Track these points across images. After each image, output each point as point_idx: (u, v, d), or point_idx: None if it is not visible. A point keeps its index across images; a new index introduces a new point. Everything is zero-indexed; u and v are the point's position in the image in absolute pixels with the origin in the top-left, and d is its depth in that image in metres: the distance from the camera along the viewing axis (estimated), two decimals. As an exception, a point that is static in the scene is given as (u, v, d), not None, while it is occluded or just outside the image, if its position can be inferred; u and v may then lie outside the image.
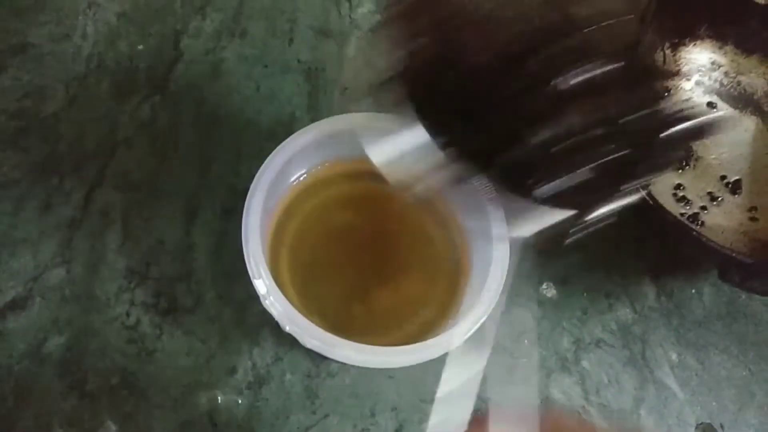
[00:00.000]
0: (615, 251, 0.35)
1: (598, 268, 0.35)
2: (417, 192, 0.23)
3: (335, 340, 0.24)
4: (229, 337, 0.29)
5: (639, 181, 0.23)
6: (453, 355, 0.26)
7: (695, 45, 0.40)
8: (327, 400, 0.28)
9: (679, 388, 0.32)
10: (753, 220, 0.36)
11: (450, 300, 0.30)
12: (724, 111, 0.40)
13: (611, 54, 0.20)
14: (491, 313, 0.30)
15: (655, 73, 0.27)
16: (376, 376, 0.29)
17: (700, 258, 0.34)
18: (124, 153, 0.31)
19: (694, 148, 0.38)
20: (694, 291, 0.35)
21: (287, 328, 0.24)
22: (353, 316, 0.30)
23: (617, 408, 0.31)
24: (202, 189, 0.31)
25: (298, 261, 0.30)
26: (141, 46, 0.34)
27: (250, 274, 0.24)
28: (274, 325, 0.25)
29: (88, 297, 0.28)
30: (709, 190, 0.36)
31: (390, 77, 0.22)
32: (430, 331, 0.29)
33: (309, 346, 0.24)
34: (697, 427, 0.31)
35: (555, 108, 0.21)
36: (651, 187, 0.32)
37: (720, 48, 0.40)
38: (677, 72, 0.41)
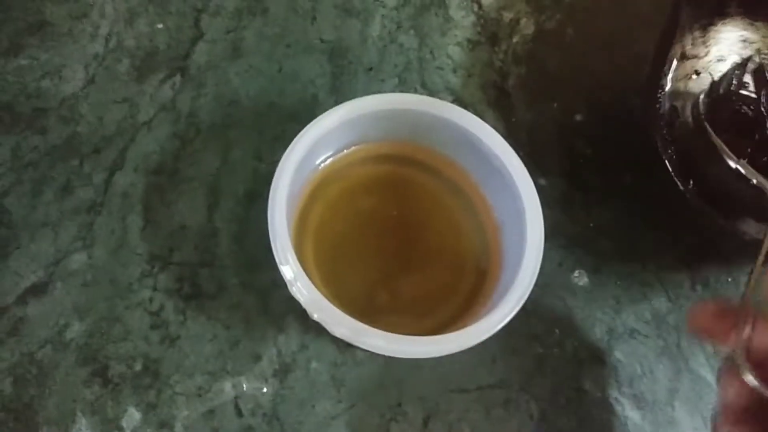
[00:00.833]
0: (649, 239, 0.34)
1: (631, 256, 0.33)
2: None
3: (364, 329, 0.23)
4: (253, 324, 0.28)
5: None
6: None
7: (725, 24, 0.38)
8: (353, 389, 0.28)
9: (714, 379, 0.31)
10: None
11: (479, 289, 0.29)
12: None
13: None
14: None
15: None
16: (403, 365, 0.29)
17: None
18: (145, 135, 0.31)
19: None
20: (730, 279, 0.34)
21: (315, 316, 0.23)
22: (379, 305, 0.29)
23: (651, 399, 0.30)
24: (224, 173, 0.30)
25: (323, 247, 0.29)
26: (160, 25, 0.33)
27: (277, 260, 0.24)
28: (300, 313, 0.25)
29: (110, 282, 0.27)
30: None
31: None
32: (458, 321, 0.28)
33: (337, 334, 0.23)
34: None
35: None
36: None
37: (751, 25, 0.38)
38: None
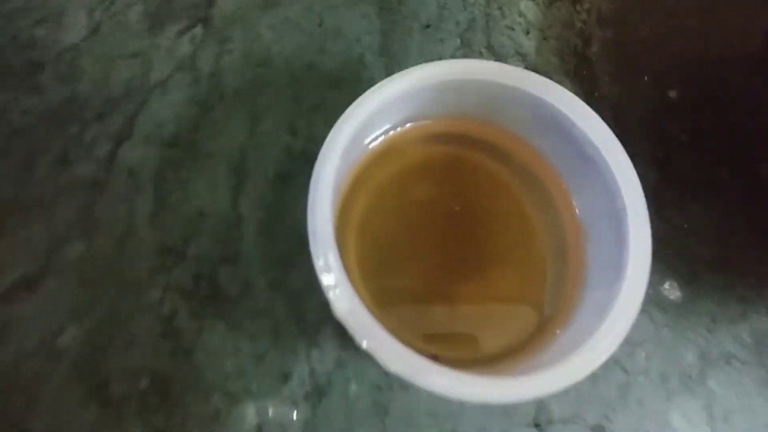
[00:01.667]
0: (752, 246, 0.29)
1: (730, 266, 0.28)
2: None
3: (429, 368, 0.18)
4: (282, 335, 0.23)
5: None
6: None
7: None
8: (399, 418, 0.23)
9: (826, 418, 0.26)
10: None
11: (554, 304, 0.24)
12: None
13: None
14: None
15: None
16: (459, 390, 0.24)
17: None
18: (158, 99, 0.25)
19: None
20: None
21: (364, 345, 0.19)
22: (431, 316, 0.24)
23: (750, 440, 0.26)
24: (252, 148, 0.25)
25: (368, 245, 0.24)
26: (179, -35, 0.27)
27: (316, 266, 0.19)
28: (338, 323, 0.20)
29: (113, 278, 0.23)
30: None
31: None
32: (531, 343, 0.23)
33: (392, 371, 0.18)
34: None
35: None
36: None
37: None
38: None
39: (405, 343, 0.23)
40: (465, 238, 0.25)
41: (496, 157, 0.26)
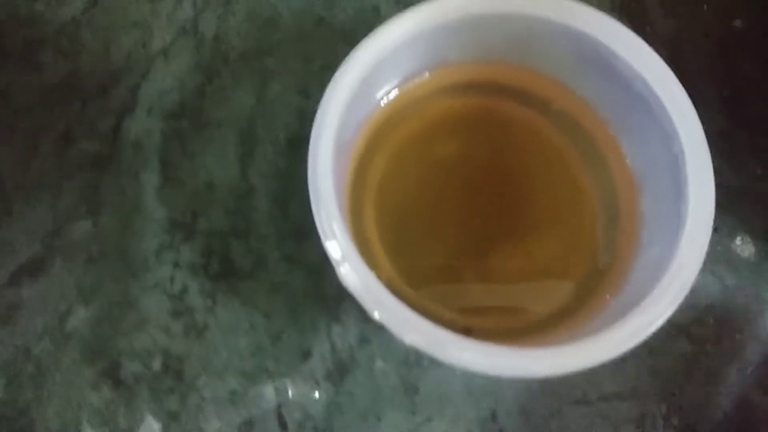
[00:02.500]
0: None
1: (816, 216, 0.24)
2: None
3: (447, 338, 0.16)
4: (300, 310, 0.22)
5: None
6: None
7: None
8: (431, 397, 0.21)
9: None
10: None
11: (606, 264, 0.21)
12: None
13: None
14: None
15: None
16: (497, 365, 0.22)
17: None
18: (161, 68, 0.24)
19: None
20: None
21: (375, 315, 0.17)
22: (464, 289, 0.22)
23: None
24: (261, 114, 0.24)
25: (389, 210, 0.22)
26: (178, -76, 0.26)
27: (320, 232, 0.17)
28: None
29: (121, 256, 0.22)
30: None
31: None
32: (574, 313, 0.21)
33: (407, 342, 0.16)
34: None
35: None
36: None
37: None
38: None
39: (435, 316, 0.21)
40: (499, 201, 0.23)
41: (531, 105, 0.23)
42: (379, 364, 0.22)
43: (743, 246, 0.24)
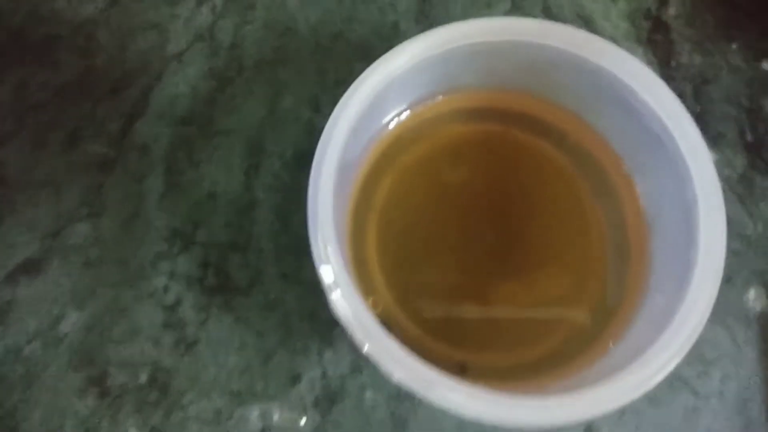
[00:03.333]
0: None
1: (837, 272, 0.23)
2: None
3: (437, 380, 0.16)
4: (294, 331, 0.21)
5: None
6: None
7: None
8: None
9: None
10: None
11: (612, 307, 0.20)
12: None
13: None
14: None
15: None
16: (491, 403, 0.21)
17: None
18: (175, 72, 0.24)
19: None
20: None
21: (365, 348, 0.16)
22: (463, 320, 0.21)
23: None
24: (270, 126, 0.23)
25: (392, 234, 0.22)
26: (202, -71, 0.26)
27: (315, 257, 0.17)
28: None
29: (118, 263, 0.22)
30: None
31: None
32: (573, 356, 0.20)
33: (394, 380, 0.16)
34: None
35: None
36: None
37: None
38: None
39: (430, 348, 0.21)
40: (506, 231, 0.22)
41: (545, 136, 0.23)
42: (369, 395, 0.21)
43: (757, 299, 0.23)
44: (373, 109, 0.19)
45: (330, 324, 0.21)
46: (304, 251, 0.22)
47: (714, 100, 0.25)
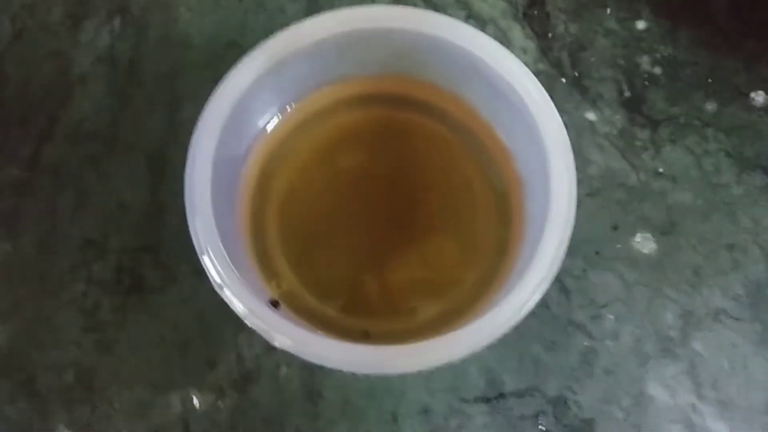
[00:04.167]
0: (742, 183, 0.25)
1: (717, 209, 0.25)
2: None
3: (312, 339, 0.17)
4: (208, 321, 0.23)
5: None
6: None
7: None
8: (334, 400, 0.22)
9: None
10: None
11: (497, 265, 0.22)
12: None
13: None
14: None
15: None
16: (399, 368, 0.23)
17: None
18: (79, 95, 0.26)
19: None
20: None
21: (248, 322, 0.18)
22: (367, 294, 0.23)
23: (744, 406, 0.23)
24: (173, 136, 0.25)
25: (292, 223, 0.23)
26: (98, -42, 0.28)
27: (197, 248, 0.18)
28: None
29: (38, 276, 0.23)
30: None
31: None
32: (470, 308, 0.21)
33: (277, 344, 0.18)
34: None
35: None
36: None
37: None
38: None
39: (335, 322, 0.22)
40: (400, 207, 0.24)
41: (427, 115, 0.24)
42: (284, 371, 0.23)
43: (643, 242, 0.24)
44: (247, 102, 0.20)
45: (240, 310, 0.23)
46: (213, 246, 0.24)
47: (591, 64, 0.27)
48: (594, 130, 0.26)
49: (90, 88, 0.26)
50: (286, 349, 0.17)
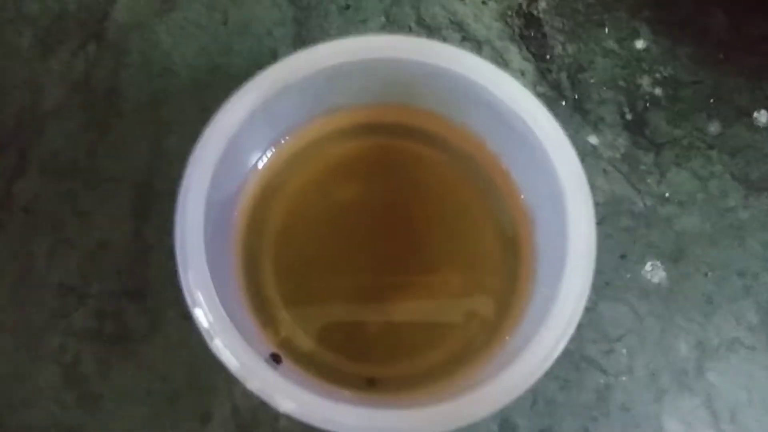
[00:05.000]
0: (750, 208, 0.25)
1: (726, 235, 0.24)
2: None
3: (319, 403, 0.16)
4: (198, 370, 0.21)
5: None
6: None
7: None
8: (338, 452, 0.21)
9: None
10: None
11: (507, 302, 0.21)
12: None
13: None
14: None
15: None
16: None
17: None
18: (53, 127, 0.24)
19: None
20: None
21: (248, 386, 0.16)
22: (370, 336, 0.22)
23: (765, 439, 0.22)
24: (155, 168, 0.24)
25: (288, 259, 0.22)
26: (69, -20, 0.26)
27: (188, 299, 0.17)
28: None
29: (12, 328, 0.22)
30: None
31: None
32: (483, 350, 0.20)
33: (282, 410, 0.16)
34: None
35: None
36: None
37: None
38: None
39: (337, 369, 0.21)
40: (401, 241, 0.23)
41: (427, 144, 0.23)
42: (283, 423, 0.21)
43: (653, 271, 0.24)
44: (239, 140, 0.19)
45: (234, 358, 0.21)
46: (203, 288, 0.22)
47: (591, 86, 0.26)
48: (597, 155, 0.25)
49: (64, 120, 0.24)
50: (293, 415, 0.16)
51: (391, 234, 0.23)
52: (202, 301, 0.17)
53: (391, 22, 0.27)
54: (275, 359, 0.18)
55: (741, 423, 0.22)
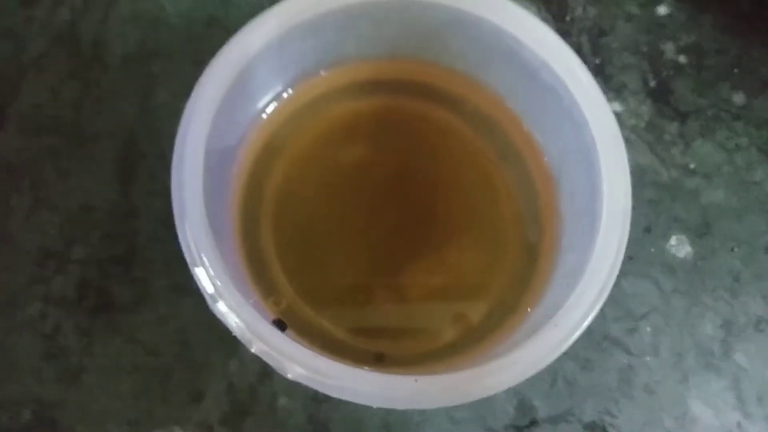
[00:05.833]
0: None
1: (753, 209, 0.23)
2: None
3: (338, 370, 0.14)
4: (191, 345, 0.20)
5: None
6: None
7: None
8: (342, 434, 0.19)
9: None
10: None
11: (527, 273, 0.20)
12: None
13: None
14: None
15: None
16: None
17: None
18: (34, 80, 0.22)
19: None
20: None
21: (253, 348, 0.15)
22: (375, 309, 0.20)
23: (795, 424, 0.21)
24: (144, 126, 0.22)
25: (289, 225, 0.20)
26: None
27: (188, 258, 0.15)
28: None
29: (-14, 295, 0.20)
30: None
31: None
32: (497, 328, 0.19)
33: (290, 377, 0.14)
34: None
35: None
36: None
37: None
38: None
39: (343, 343, 0.19)
40: (413, 208, 0.21)
41: (441, 103, 0.22)
42: (282, 402, 0.20)
43: (678, 246, 0.22)
44: (239, 89, 0.17)
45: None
46: (196, 256, 0.20)
47: (613, 51, 0.25)
48: (621, 123, 0.23)
49: (47, 73, 0.22)
50: (305, 382, 0.14)
51: (401, 202, 0.21)
52: (204, 259, 0.15)
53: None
54: (280, 326, 0.17)
55: (769, 406, 0.21)
